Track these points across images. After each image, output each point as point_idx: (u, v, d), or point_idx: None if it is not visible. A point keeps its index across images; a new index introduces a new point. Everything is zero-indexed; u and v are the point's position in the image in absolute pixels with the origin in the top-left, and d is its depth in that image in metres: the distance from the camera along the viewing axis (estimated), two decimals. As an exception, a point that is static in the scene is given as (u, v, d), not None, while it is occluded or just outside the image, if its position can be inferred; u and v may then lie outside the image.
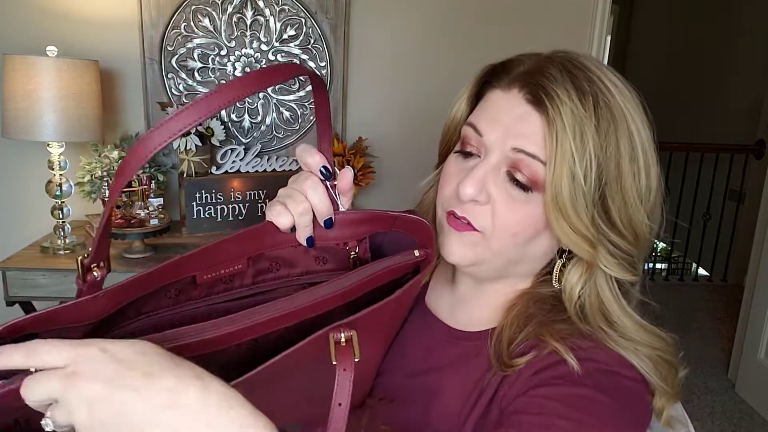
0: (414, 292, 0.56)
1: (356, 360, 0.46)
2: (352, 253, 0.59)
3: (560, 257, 0.63)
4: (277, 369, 0.46)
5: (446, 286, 0.73)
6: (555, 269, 0.64)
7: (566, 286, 0.62)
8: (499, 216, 0.60)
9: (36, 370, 0.37)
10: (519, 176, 0.59)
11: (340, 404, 0.45)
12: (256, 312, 0.47)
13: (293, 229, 0.56)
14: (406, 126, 2.19)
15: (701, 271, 4.05)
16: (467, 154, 0.63)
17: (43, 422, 0.37)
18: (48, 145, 1.69)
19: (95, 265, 0.46)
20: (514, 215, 0.59)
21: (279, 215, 0.55)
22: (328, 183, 0.55)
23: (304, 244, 0.57)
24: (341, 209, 0.57)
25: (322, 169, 0.55)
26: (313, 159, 0.55)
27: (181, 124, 0.40)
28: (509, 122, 0.59)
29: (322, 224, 0.56)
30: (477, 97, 0.66)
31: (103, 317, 0.47)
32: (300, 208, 0.55)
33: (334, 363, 0.46)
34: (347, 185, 0.56)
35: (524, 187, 0.59)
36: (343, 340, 0.46)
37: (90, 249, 0.45)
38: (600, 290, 0.61)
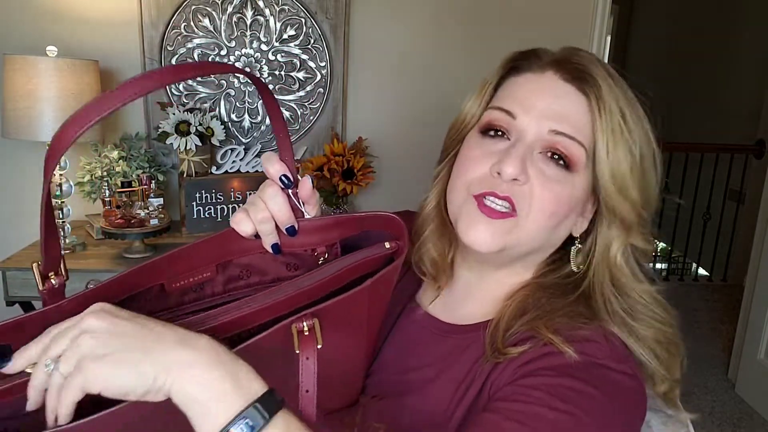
0: (389, 283, 0.56)
1: (319, 346, 0.47)
2: (321, 258, 0.59)
3: (573, 243, 0.67)
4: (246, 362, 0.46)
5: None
6: (571, 253, 0.67)
7: (580, 255, 0.66)
8: (537, 196, 0.61)
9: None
10: (558, 156, 0.61)
11: (307, 391, 0.46)
12: (229, 309, 0.48)
13: (258, 235, 0.57)
14: (406, 126, 2.20)
15: (701, 271, 4.05)
16: (495, 135, 0.64)
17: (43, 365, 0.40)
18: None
19: (52, 273, 0.45)
20: (552, 194, 0.61)
21: (240, 222, 0.56)
22: (290, 191, 0.56)
23: (270, 251, 0.57)
24: (306, 216, 0.57)
25: (282, 177, 0.55)
26: (273, 168, 0.55)
27: (88, 117, 0.41)
28: (546, 103, 0.62)
29: (285, 232, 0.57)
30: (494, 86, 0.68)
31: None
32: (260, 215, 0.55)
33: (297, 352, 0.46)
34: (308, 193, 0.56)
35: (565, 166, 0.61)
36: (305, 329, 0.47)
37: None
38: (615, 258, 0.64)
